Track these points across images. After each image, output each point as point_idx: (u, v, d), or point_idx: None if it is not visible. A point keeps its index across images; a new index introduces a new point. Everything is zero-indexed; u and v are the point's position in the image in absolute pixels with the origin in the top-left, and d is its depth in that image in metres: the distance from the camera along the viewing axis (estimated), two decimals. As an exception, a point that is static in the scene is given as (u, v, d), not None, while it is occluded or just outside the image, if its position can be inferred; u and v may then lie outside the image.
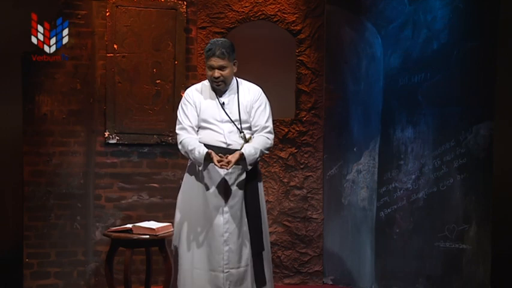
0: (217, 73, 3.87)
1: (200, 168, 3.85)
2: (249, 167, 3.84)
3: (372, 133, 5.26)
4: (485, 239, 4.71)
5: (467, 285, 4.75)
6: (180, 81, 5.18)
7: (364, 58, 5.37)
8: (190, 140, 3.89)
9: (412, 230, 5.00)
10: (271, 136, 3.99)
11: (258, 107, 3.98)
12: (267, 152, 3.99)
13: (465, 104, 4.79)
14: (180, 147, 3.94)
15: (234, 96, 3.96)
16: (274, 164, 5.46)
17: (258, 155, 3.87)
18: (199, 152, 3.81)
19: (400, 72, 5.08)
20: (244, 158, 3.79)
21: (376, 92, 5.23)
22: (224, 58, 3.85)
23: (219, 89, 3.94)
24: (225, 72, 3.88)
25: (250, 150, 3.84)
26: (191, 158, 3.86)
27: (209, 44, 3.93)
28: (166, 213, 5.09)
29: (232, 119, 3.90)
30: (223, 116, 3.90)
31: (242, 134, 3.91)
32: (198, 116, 3.93)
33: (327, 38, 5.49)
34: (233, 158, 3.75)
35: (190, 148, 3.85)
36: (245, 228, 3.91)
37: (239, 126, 3.90)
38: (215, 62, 3.85)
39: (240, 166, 3.86)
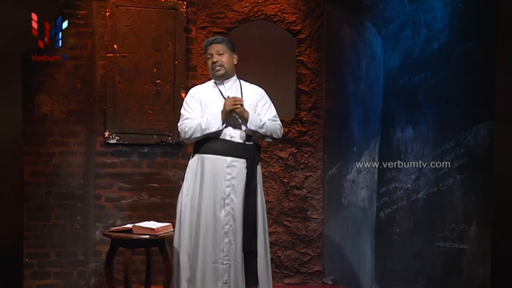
0: (215, 58, 3.99)
1: (220, 126, 3.88)
2: (249, 126, 3.91)
3: (372, 133, 5.26)
4: (485, 239, 4.71)
5: (467, 285, 4.75)
6: (180, 81, 5.17)
7: (364, 58, 5.37)
8: (194, 118, 3.97)
9: (412, 230, 5.00)
10: (281, 126, 4.10)
11: (264, 105, 4.09)
12: (275, 135, 4.05)
13: (465, 104, 4.80)
14: (186, 129, 3.95)
15: (237, 93, 4.03)
16: (274, 164, 5.46)
17: (262, 124, 3.95)
18: (211, 115, 3.90)
19: (400, 72, 5.08)
20: (247, 116, 3.90)
21: (376, 92, 5.23)
22: (221, 43, 4.01)
23: (219, 75, 4.01)
24: (224, 58, 4.00)
25: (256, 115, 3.98)
26: (204, 127, 3.89)
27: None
28: (166, 213, 5.09)
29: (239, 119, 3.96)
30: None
31: (246, 128, 3.96)
32: (202, 111, 3.99)
33: (327, 38, 5.49)
34: (243, 108, 3.90)
35: (201, 120, 3.91)
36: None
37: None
38: (212, 48, 4.00)
39: (244, 160, 3.92)
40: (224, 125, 3.91)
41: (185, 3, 5.21)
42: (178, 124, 4.03)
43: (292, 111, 5.48)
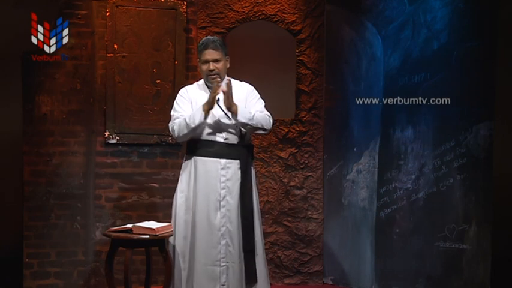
0: (212, 66, 3.95)
1: (202, 118, 3.84)
2: (239, 119, 3.85)
3: (372, 133, 5.27)
4: (485, 239, 4.71)
5: (467, 285, 4.76)
6: (180, 81, 5.17)
7: (364, 58, 5.37)
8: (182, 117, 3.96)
9: (412, 230, 5.00)
10: (269, 116, 4.02)
11: (253, 99, 4.06)
12: (266, 125, 3.97)
13: (465, 104, 4.80)
14: (175, 127, 3.94)
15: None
16: (274, 164, 5.46)
17: (252, 116, 3.88)
18: (196, 109, 3.88)
19: (400, 72, 5.08)
20: (236, 109, 3.84)
21: (376, 92, 5.23)
22: (218, 50, 3.95)
23: (214, 82, 3.96)
24: (219, 65, 3.96)
25: (245, 108, 3.92)
26: (189, 122, 3.86)
27: (202, 40, 4.06)
28: (166, 213, 5.09)
29: (228, 113, 3.93)
30: (219, 111, 3.92)
31: (238, 127, 3.94)
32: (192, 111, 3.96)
33: (327, 38, 5.49)
34: (231, 99, 3.84)
35: (186, 116, 3.89)
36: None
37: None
38: (209, 55, 3.95)
39: (238, 161, 3.90)
40: (207, 117, 3.86)
41: (185, 3, 5.21)
42: (169, 125, 4.02)
43: (292, 111, 5.48)
